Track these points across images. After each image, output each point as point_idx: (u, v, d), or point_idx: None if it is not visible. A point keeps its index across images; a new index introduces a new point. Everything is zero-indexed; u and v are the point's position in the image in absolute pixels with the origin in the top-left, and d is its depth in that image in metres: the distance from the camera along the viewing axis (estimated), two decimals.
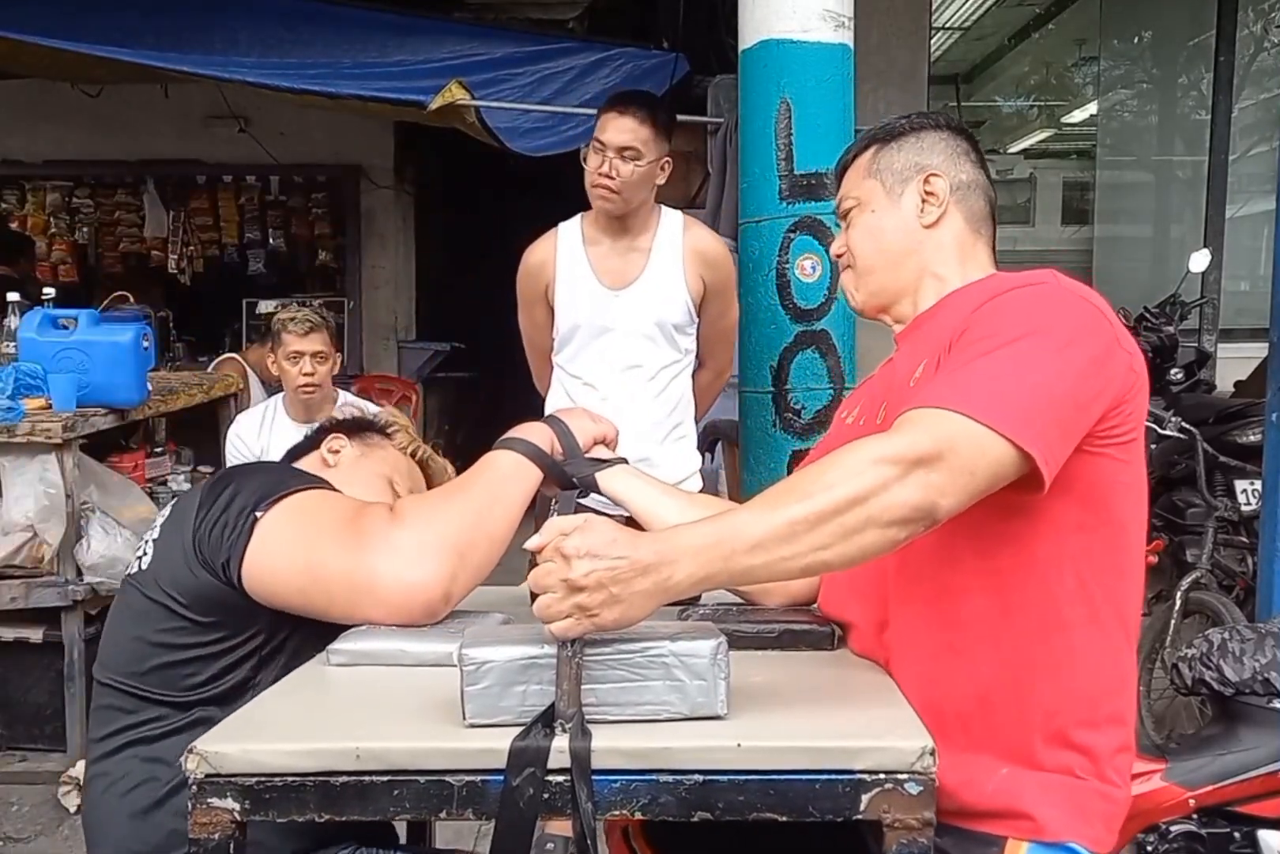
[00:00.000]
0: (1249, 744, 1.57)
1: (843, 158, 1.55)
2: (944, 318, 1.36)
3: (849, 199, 1.51)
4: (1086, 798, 1.26)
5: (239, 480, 1.48)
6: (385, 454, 1.80)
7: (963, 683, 1.27)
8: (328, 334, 3.64)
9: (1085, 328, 1.24)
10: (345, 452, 1.77)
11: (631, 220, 2.79)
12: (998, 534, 1.25)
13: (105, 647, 1.52)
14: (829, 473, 1.13)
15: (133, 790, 1.43)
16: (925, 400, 1.19)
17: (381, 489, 1.72)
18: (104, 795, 1.46)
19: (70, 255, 7.06)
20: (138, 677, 1.44)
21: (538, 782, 1.03)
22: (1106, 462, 1.26)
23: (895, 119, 1.52)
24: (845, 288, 1.55)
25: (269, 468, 1.62)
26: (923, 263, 1.45)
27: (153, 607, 1.44)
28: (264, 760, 1.05)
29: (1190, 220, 6.12)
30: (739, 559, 1.09)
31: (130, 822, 1.43)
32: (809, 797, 1.04)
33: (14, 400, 3.09)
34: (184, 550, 1.43)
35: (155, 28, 4.43)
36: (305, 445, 1.82)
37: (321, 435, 1.81)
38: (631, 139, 2.68)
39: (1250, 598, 3.22)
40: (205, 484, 1.53)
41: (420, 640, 1.33)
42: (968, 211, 1.46)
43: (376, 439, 1.82)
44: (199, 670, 1.42)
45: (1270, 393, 2.89)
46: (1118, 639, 1.30)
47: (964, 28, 6.84)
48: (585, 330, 2.79)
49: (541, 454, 1.50)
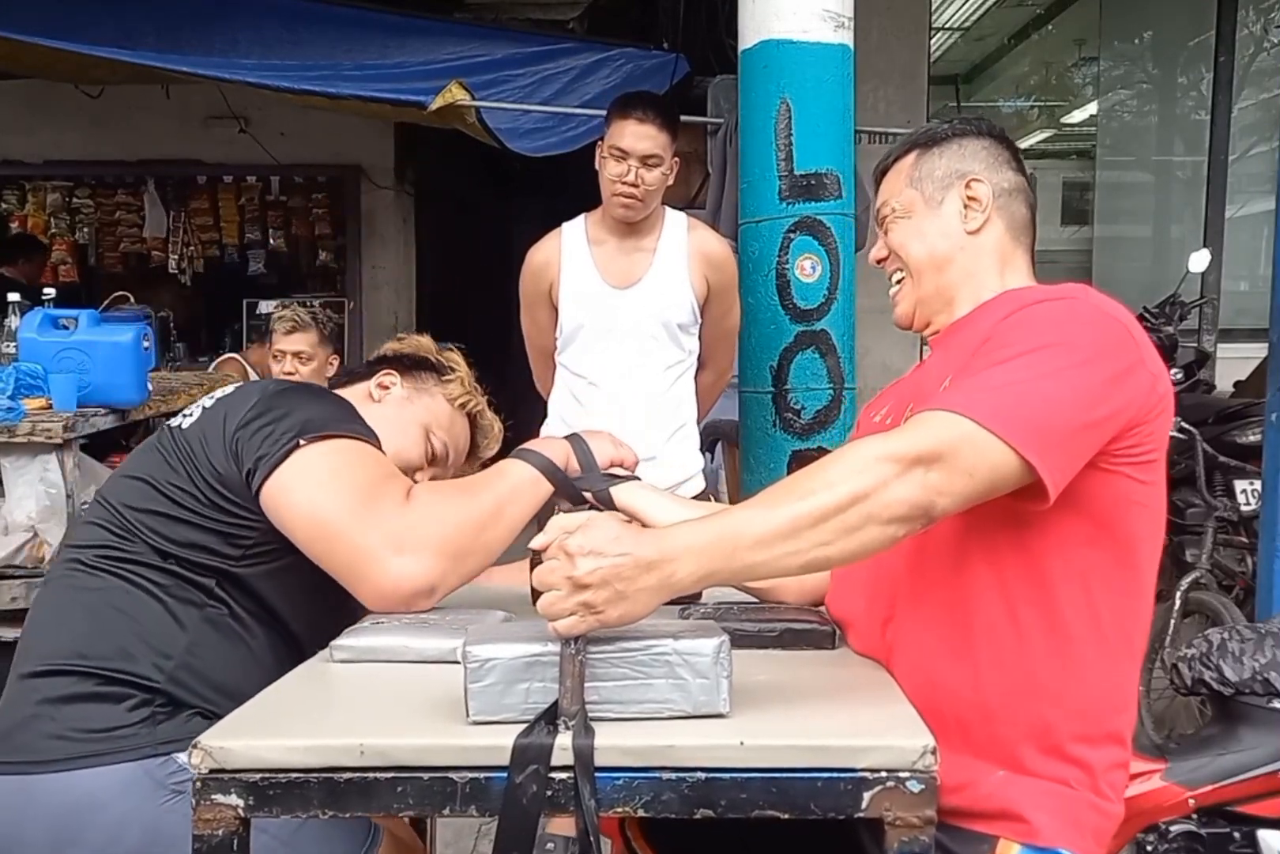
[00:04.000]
0: (1249, 744, 1.57)
1: (883, 162, 1.53)
2: (977, 326, 1.36)
3: (888, 205, 1.49)
4: (1080, 808, 1.26)
5: (303, 399, 1.51)
6: (432, 402, 1.76)
7: (964, 689, 1.27)
8: (317, 334, 3.62)
9: (1108, 345, 1.23)
10: (394, 390, 1.74)
11: (639, 221, 2.79)
12: (1008, 544, 1.25)
13: (116, 476, 1.57)
14: (831, 470, 1.14)
15: (97, 590, 1.46)
16: (935, 403, 1.19)
17: (416, 437, 1.72)
18: (65, 590, 1.49)
19: (70, 255, 7.05)
20: (132, 510, 1.48)
21: (541, 779, 1.04)
22: (1122, 480, 1.25)
23: (937, 124, 1.50)
24: (896, 300, 1.51)
25: (335, 401, 1.56)
26: (965, 269, 1.44)
27: (177, 463, 1.48)
28: (268, 756, 1.05)
29: (1190, 220, 6.13)
30: (742, 555, 1.10)
31: (86, 621, 1.45)
32: (811, 795, 1.04)
33: (14, 400, 3.09)
34: (224, 436, 1.46)
35: (156, 28, 4.43)
36: (358, 373, 1.79)
37: (378, 366, 1.78)
38: (653, 146, 2.69)
39: (1250, 598, 3.23)
40: (274, 385, 1.56)
41: (424, 637, 1.33)
42: (1009, 219, 1.45)
43: (430, 383, 1.78)
44: (186, 534, 1.46)
45: (1270, 393, 2.90)
46: (1123, 658, 1.30)
47: (964, 28, 6.85)
48: (589, 330, 2.79)
49: (555, 469, 1.53)
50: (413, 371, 1.78)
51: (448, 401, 1.77)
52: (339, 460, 1.44)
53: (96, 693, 1.41)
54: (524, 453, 1.55)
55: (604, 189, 2.75)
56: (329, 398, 1.58)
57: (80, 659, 1.42)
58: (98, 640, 1.43)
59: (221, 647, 1.47)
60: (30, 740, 1.39)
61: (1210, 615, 3.16)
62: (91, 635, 1.44)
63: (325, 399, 1.57)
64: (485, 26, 5.32)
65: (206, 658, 1.45)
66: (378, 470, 1.46)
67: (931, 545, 1.29)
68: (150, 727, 1.39)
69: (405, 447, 1.70)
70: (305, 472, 1.42)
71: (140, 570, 1.46)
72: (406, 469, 1.66)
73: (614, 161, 2.71)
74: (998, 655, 1.26)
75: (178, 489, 1.47)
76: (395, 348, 1.84)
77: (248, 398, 1.51)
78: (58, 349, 3.22)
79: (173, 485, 1.47)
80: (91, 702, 1.40)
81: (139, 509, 1.48)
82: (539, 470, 1.52)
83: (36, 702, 1.41)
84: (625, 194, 2.70)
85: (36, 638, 1.49)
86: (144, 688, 1.41)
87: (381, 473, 1.46)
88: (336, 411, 1.53)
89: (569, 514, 1.14)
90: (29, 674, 1.44)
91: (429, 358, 1.81)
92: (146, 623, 1.44)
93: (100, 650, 1.42)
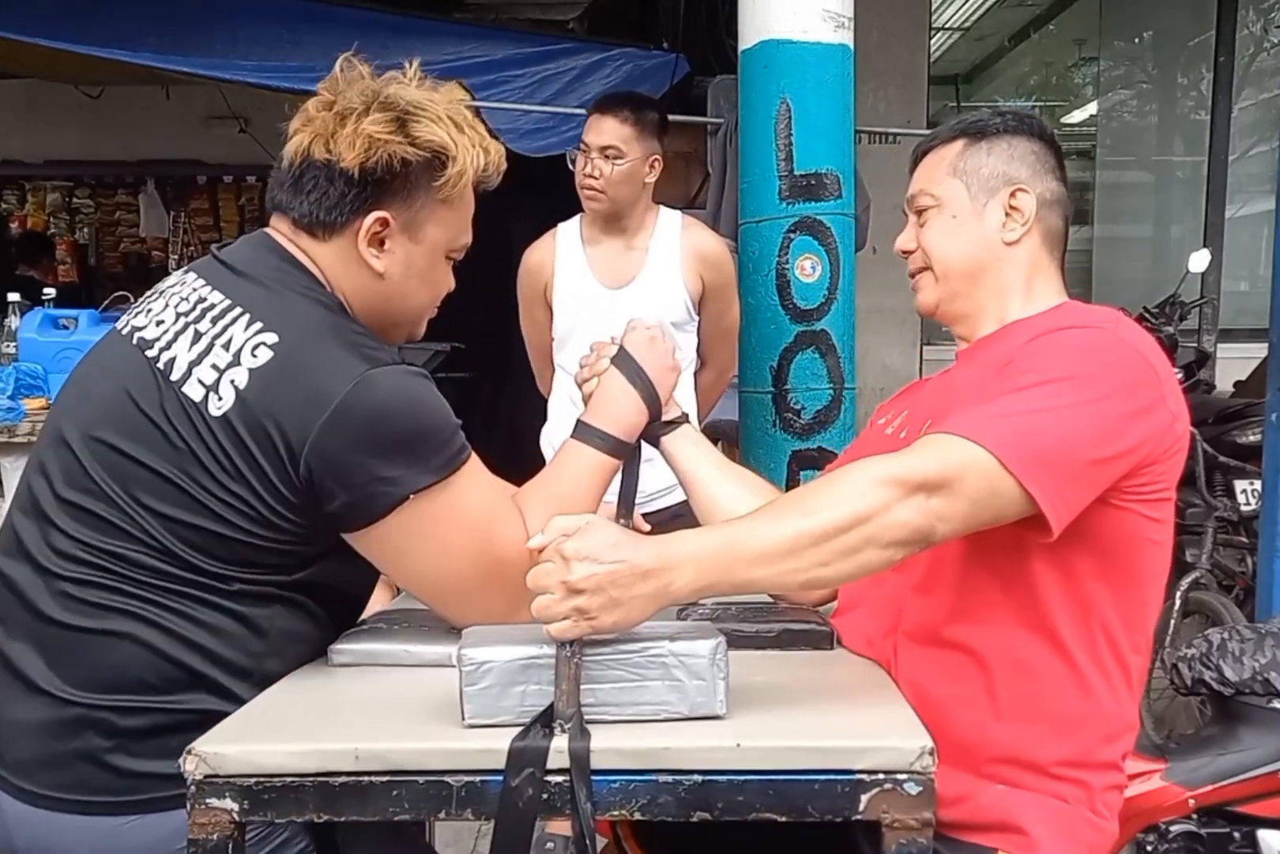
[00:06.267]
0: (1249, 744, 1.57)
1: (926, 143, 1.48)
2: (1005, 344, 1.33)
3: (928, 196, 1.43)
4: (1077, 824, 1.27)
5: (399, 424, 1.22)
6: (437, 221, 1.36)
7: (964, 711, 1.27)
8: None
9: (1130, 382, 1.21)
10: (392, 247, 1.35)
11: (628, 220, 2.80)
12: (1016, 574, 1.25)
13: (90, 438, 1.27)
14: (834, 490, 1.14)
15: (142, 608, 1.26)
16: (947, 426, 1.18)
17: (442, 273, 1.42)
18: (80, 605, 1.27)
19: (70, 255, 7.07)
20: (161, 519, 1.24)
21: (537, 782, 1.03)
22: (1133, 517, 1.25)
23: (988, 115, 1.45)
24: (917, 287, 1.48)
25: (430, 406, 1.25)
26: (997, 280, 1.41)
27: (210, 461, 1.22)
28: (263, 761, 1.05)
29: (1190, 220, 6.13)
30: (741, 570, 1.09)
31: (138, 647, 1.26)
32: (808, 797, 1.04)
33: (14, 400, 3.10)
34: (289, 452, 1.20)
35: (156, 29, 4.43)
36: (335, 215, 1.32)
37: (353, 207, 1.32)
38: (611, 138, 2.72)
39: (1250, 598, 3.22)
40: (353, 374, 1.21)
41: (421, 641, 1.33)
42: (1046, 231, 1.42)
43: (423, 195, 1.33)
44: (240, 553, 1.25)
45: (1270, 393, 2.89)
46: (1123, 690, 1.30)
47: (964, 28, 6.84)
48: (584, 330, 2.79)
49: (624, 448, 1.47)
50: (398, 197, 1.33)
51: (448, 204, 1.36)
52: (454, 516, 1.26)
53: (180, 723, 1.22)
54: (594, 434, 1.46)
55: (576, 184, 2.80)
56: (415, 390, 1.26)
57: (151, 694, 1.24)
58: (165, 668, 1.25)
59: (301, 637, 1.32)
60: (110, 778, 1.23)
61: (1210, 615, 3.16)
62: (157, 664, 1.24)
63: (414, 396, 1.25)
64: (485, 26, 5.31)
65: (286, 655, 1.31)
66: (493, 509, 1.31)
67: (939, 571, 1.29)
68: None
69: (434, 292, 1.44)
70: (420, 530, 1.25)
71: (188, 586, 1.25)
72: (437, 300, 1.46)
73: (581, 155, 2.78)
74: (1000, 685, 1.26)
75: (220, 502, 1.22)
76: (350, 162, 1.30)
77: (314, 402, 1.21)
78: (58, 349, 3.23)
79: (212, 496, 1.22)
80: (174, 734, 1.20)
81: (172, 520, 1.23)
82: (610, 455, 1.45)
83: (110, 734, 1.24)
84: (586, 186, 2.75)
85: (62, 663, 1.25)
86: (228, 713, 1.20)
87: (497, 512, 1.31)
88: (433, 419, 1.26)
89: (568, 516, 1.13)
90: (75, 703, 1.24)
91: (407, 158, 1.31)
92: (217, 639, 1.26)
93: (171, 679, 1.24)
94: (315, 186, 1.33)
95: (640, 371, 1.50)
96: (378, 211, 1.32)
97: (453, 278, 1.46)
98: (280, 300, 1.31)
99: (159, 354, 1.29)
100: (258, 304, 1.29)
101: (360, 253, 1.34)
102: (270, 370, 1.23)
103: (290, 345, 1.25)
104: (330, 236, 1.34)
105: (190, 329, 1.30)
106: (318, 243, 1.35)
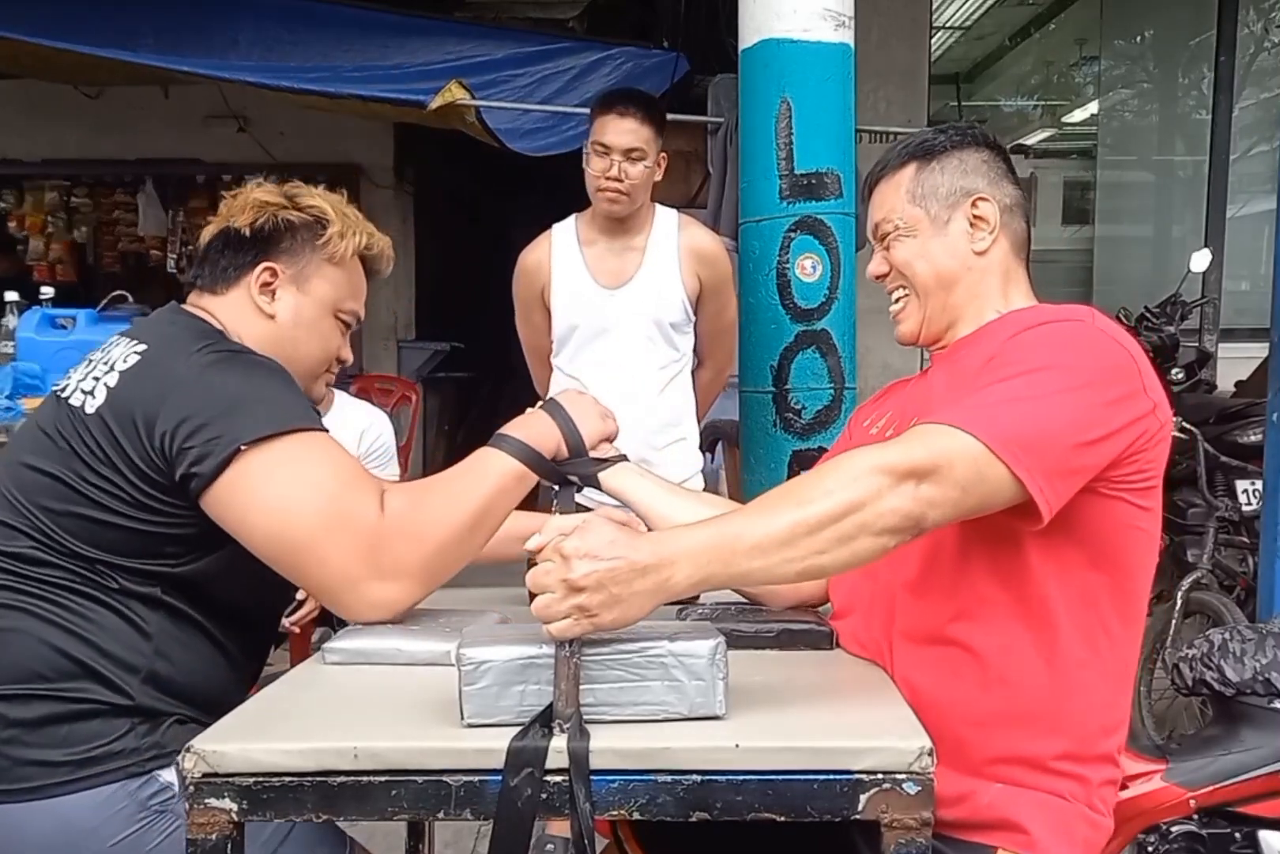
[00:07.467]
0: (1250, 745, 1.56)
1: (877, 172, 1.50)
2: (982, 346, 1.35)
3: (889, 222, 1.46)
4: (1074, 821, 1.27)
5: (236, 388, 1.34)
6: (323, 276, 1.53)
7: (960, 707, 1.28)
8: None
9: (1110, 370, 1.24)
10: (281, 293, 1.51)
11: (629, 220, 2.79)
12: (1007, 566, 1.26)
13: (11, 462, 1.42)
14: (827, 479, 1.14)
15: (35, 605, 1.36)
16: (934, 417, 1.20)
17: (329, 329, 1.55)
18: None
19: (68, 255, 7.05)
20: (51, 514, 1.36)
21: (536, 782, 1.03)
22: (1122, 506, 1.26)
23: (931, 134, 1.47)
24: (899, 317, 1.49)
25: (274, 384, 1.37)
26: (971, 288, 1.42)
27: (88, 453, 1.35)
28: (261, 760, 1.04)
29: (1191, 220, 6.13)
30: (738, 562, 1.10)
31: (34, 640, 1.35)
32: (807, 797, 1.04)
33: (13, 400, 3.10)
34: (144, 430, 1.32)
35: (156, 29, 4.43)
36: (230, 271, 1.52)
37: (243, 259, 1.52)
38: (635, 140, 2.69)
39: (1251, 598, 3.22)
40: (192, 364, 1.36)
41: (417, 639, 1.33)
42: (1012, 235, 1.44)
43: (309, 252, 1.53)
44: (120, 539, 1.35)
45: (1271, 393, 2.89)
46: (1116, 681, 1.31)
47: (964, 27, 6.84)
48: (582, 331, 2.79)
49: (540, 459, 1.44)
50: (285, 252, 1.52)
51: (335, 265, 1.55)
52: (295, 470, 1.31)
53: (70, 712, 1.32)
54: (506, 441, 1.43)
55: (589, 185, 2.75)
56: (268, 380, 1.38)
57: (43, 683, 1.33)
58: (56, 660, 1.33)
59: (187, 646, 1.39)
60: (5, 767, 1.31)
61: (1211, 615, 3.16)
62: (48, 656, 1.33)
63: (265, 384, 1.37)
64: (485, 26, 5.32)
65: (174, 660, 1.38)
66: (340, 473, 1.33)
67: (933, 569, 1.29)
68: (132, 742, 1.33)
69: (324, 346, 1.56)
70: (258, 482, 1.29)
71: (78, 581, 1.35)
72: (329, 359, 1.57)
73: (598, 157, 2.71)
74: (995, 677, 1.27)
75: (96, 488, 1.34)
76: (241, 223, 1.53)
77: (166, 383, 1.35)
78: (56, 348, 3.23)
79: (89, 484, 1.34)
80: (65, 723, 1.32)
81: (58, 512, 1.35)
82: (523, 462, 1.42)
83: (4, 725, 1.32)
84: (610, 189, 2.70)
85: None
86: (117, 705, 1.34)
87: (345, 476, 1.33)
88: (280, 400, 1.36)
89: (565, 515, 1.13)
90: None
91: (290, 219, 1.53)
92: (105, 635, 1.35)
93: (61, 670, 1.33)
94: (217, 253, 1.54)
95: (562, 409, 1.52)
96: (266, 262, 1.52)
97: (348, 347, 1.61)
98: (168, 329, 1.49)
99: (63, 388, 1.46)
100: (144, 331, 1.49)
101: (253, 299, 1.52)
102: (135, 368, 1.40)
103: (155, 348, 1.43)
104: (228, 289, 1.53)
105: (90, 364, 1.47)
106: (218, 298, 1.53)
